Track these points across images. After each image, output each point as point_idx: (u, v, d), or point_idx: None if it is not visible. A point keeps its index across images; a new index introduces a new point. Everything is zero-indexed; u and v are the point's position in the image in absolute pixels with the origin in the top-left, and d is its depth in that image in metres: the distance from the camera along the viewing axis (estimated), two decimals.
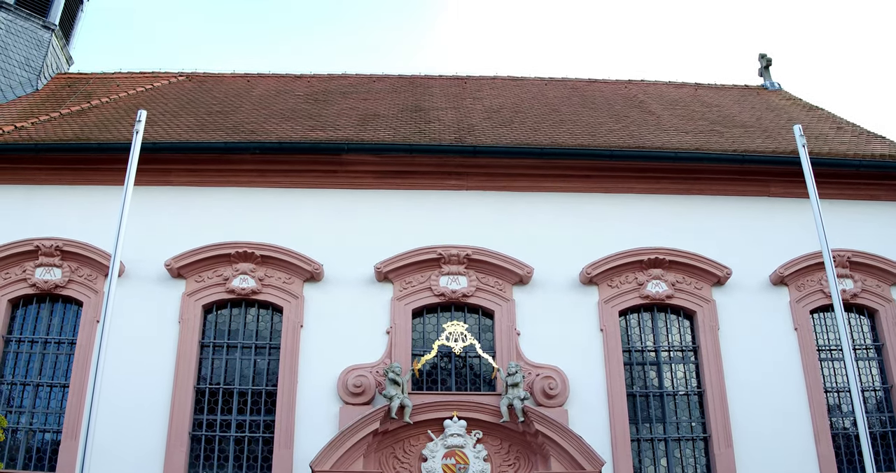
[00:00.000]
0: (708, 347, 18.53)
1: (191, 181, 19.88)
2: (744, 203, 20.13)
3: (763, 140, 21.63)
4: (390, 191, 19.88)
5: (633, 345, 18.84)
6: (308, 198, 19.74)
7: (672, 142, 21.05)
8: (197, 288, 18.73)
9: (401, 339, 18.29)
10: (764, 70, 29.35)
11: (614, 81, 28.75)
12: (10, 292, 18.78)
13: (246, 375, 18.33)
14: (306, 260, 18.75)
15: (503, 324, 18.53)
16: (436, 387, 18.23)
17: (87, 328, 18.33)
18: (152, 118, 21.14)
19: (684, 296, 19.03)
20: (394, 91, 26.44)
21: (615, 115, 24.06)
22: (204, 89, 26.56)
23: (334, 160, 19.84)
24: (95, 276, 18.80)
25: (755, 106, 26.10)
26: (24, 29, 26.00)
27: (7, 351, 18.52)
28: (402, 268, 18.85)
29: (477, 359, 18.31)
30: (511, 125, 22.47)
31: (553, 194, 19.96)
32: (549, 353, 18.22)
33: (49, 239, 18.92)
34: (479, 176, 19.98)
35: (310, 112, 23.53)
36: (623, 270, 19.11)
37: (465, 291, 18.75)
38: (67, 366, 18.28)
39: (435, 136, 20.86)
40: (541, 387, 17.65)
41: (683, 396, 18.47)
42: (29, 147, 19.79)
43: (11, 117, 22.57)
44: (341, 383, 17.71)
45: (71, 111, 22.91)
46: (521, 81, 28.51)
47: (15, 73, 25.29)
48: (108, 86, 26.47)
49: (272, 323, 18.83)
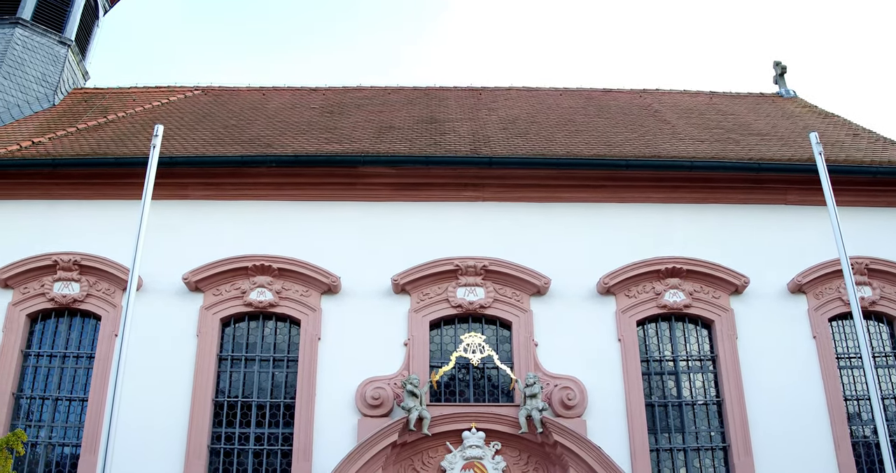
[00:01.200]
0: (726, 356, 18.45)
1: (208, 195, 19.92)
2: (761, 211, 20.06)
3: (779, 148, 21.57)
4: (407, 203, 19.89)
5: (651, 355, 18.78)
6: (325, 210, 19.76)
7: (688, 151, 21.01)
8: (214, 301, 18.75)
9: (418, 351, 18.28)
10: (779, 78, 29.34)
11: (629, 91, 28.75)
12: (28, 307, 18.85)
13: (264, 388, 18.33)
14: (323, 272, 18.76)
15: (521, 335, 18.50)
16: (454, 399, 18.20)
17: (106, 342, 18.37)
18: (168, 132, 21.21)
19: (702, 305, 18.97)
20: (409, 103, 26.48)
21: (630, 125, 24.04)
22: (219, 103, 26.63)
23: (350, 172, 19.87)
24: (113, 290, 18.86)
25: (771, 114, 26.04)
26: (40, 44, 26.14)
27: (26, 366, 18.58)
28: (419, 280, 18.84)
29: (495, 370, 18.28)
30: (526, 136, 22.47)
31: (569, 204, 19.94)
32: (567, 364, 18.18)
33: (67, 254, 18.99)
34: (495, 187, 19.98)
35: (325, 125, 23.57)
36: (640, 280, 19.06)
37: (482, 302, 18.73)
38: (86, 380, 18.34)
39: (451, 148, 20.88)
40: (559, 398, 17.61)
41: (702, 406, 18.40)
42: (46, 162, 19.86)
43: (29, 132, 22.68)
44: (359, 395, 17.71)
45: (88, 126, 23.00)
46: (536, 92, 28.54)
47: (32, 88, 25.42)
48: (125, 100, 26.59)
49: (290, 335, 18.85)
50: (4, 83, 24.74)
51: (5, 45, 25.40)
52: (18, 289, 18.95)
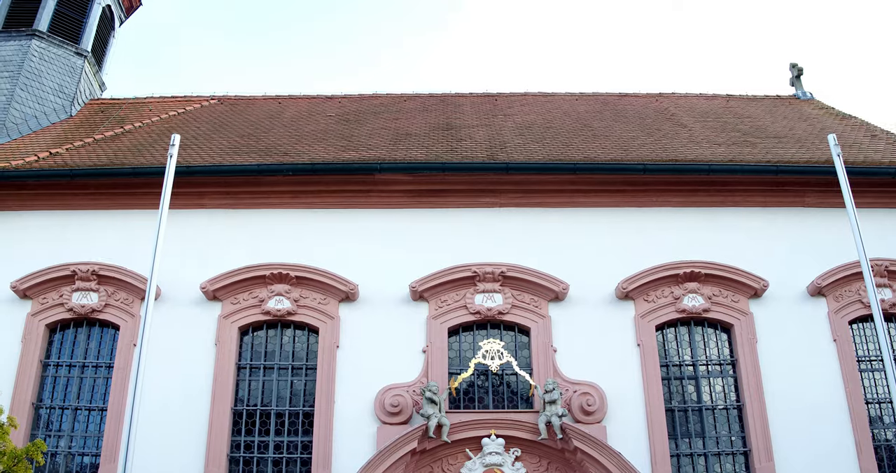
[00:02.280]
0: (746, 360, 18.36)
1: (225, 204, 19.96)
2: (779, 214, 19.97)
3: (797, 150, 21.49)
4: (424, 209, 19.90)
5: (671, 360, 18.70)
6: (342, 218, 19.77)
7: (705, 155, 20.95)
8: (233, 310, 18.77)
9: (437, 358, 18.25)
10: (795, 79, 29.23)
11: (645, 95, 28.67)
12: (47, 317, 18.92)
13: (283, 396, 18.35)
14: (341, 280, 18.76)
15: (539, 341, 18.45)
16: (473, 406, 18.16)
17: (125, 351, 18.42)
18: (185, 142, 21.29)
19: (721, 309, 18.88)
20: (425, 109, 26.49)
21: (647, 129, 23.99)
22: (236, 112, 26.70)
23: (367, 180, 19.87)
24: (132, 300, 18.91)
25: (788, 116, 25.95)
26: (57, 56, 26.24)
27: (45, 376, 18.65)
28: (437, 287, 18.83)
29: (514, 377, 18.24)
30: (543, 141, 22.44)
31: (587, 209, 19.91)
32: (586, 369, 18.12)
33: (85, 264, 19.06)
34: (512, 192, 19.95)
35: (341, 132, 23.59)
36: (659, 284, 18.99)
37: (500, 309, 18.69)
38: (105, 390, 18.40)
39: (467, 154, 20.86)
40: (578, 404, 17.55)
41: (722, 410, 18.31)
42: (64, 173, 19.96)
43: (46, 143, 22.78)
44: (378, 403, 17.69)
45: (105, 136, 23.10)
46: (552, 97, 28.49)
47: (49, 99, 25.51)
48: (141, 110, 26.69)
49: (308, 343, 18.85)
50: (22, 95, 24.84)
51: (22, 56, 25.51)
52: (37, 300, 19.02)
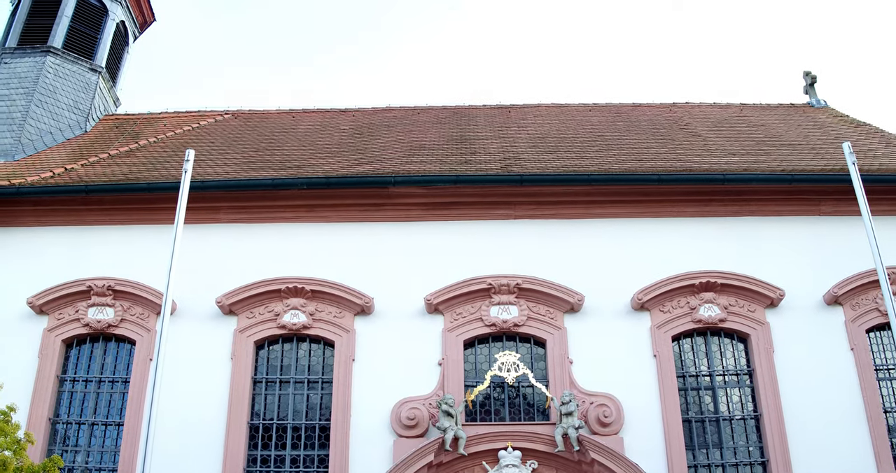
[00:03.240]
0: (763, 370, 18.28)
1: (239, 218, 20.01)
2: (794, 223, 19.91)
3: (811, 158, 21.43)
4: (438, 222, 19.89)
5: (687, 370, 18.64)
6: (356, 231, 19.79)
7: (719, 164, 20.91)
8: (248, 324, 18.79)
9: (453, 371, 18.22)
10: (809, 87, 29.13)
11: (658, 104, 28.62)
12: (64, 332, 18.97)
13: (299, 410, 18.33)
14: (356, 293, 18.77)
15: (555, 353, 18.42)
16: (489, 418, 18.12)
17: (141, 366, 18.45)
18: (199, 156, 21.32)
19: (737, 319, 18.81)
20: (438, 122, 26.50)
21: (661, 139, 23.96)
22: (250, 126, 26.75)
23: (381, 193, 19.89)
24: (147, 315, 18.95)
25: (802, 124, 25.88)
26: (71, 72, 26.34)
27: (62, 391, 18.68)
28: (452, 299, 18.81)
29: (530, 389, 18.20)
30: (557, 152, 22.43)
31: (601, 220, 19.88)
32: (603, 381, 18.07)
33: (101, 279, 19.11)
34: (526, 204, 19.95)
35: (355, 146, 23.63)
36: (674, 295, 18.93)
37: (516, 321, 18.66)
38: (121, 405, 18.42)
39: (481, 166, 20.86)
40: (595, 415, 17.50)
41: (740, 420, 18.23)
42: (79, 188, 20.04)
43: (61, 159, 22.88)
44: (394, 416, 17.67)
45: (119, 152, 23.17)
46: (565, 108, 28.47)
47: (64, 115, 25.60)
48: (156, 126, 26.77)
49: (324, 357, 18.85)
50: (37, 111, 24.93)
51: (37, 73, 25.61)
52: (53, 315, 19.07)
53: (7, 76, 25.60)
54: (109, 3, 28.05)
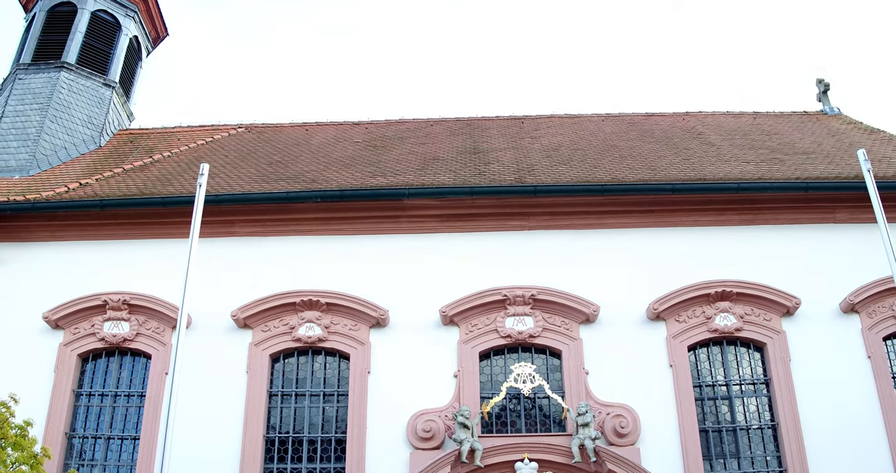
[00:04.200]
0: (780, 379, 18.20)
1: (254, 231, 20.04)
2: (810, 230, 19.85)
3: (826, 166, 21.38)
4: (453, 234, 19.89)
5: (704, 380, 18.57)
6: (371, 244, 19.80)
7: (734, 173, 20.88)
8: (263, 337, 18.80)
9: (469, 382, 18.19)
10: (822, 95, 29.06)
11: (671, 114, 28.58)
12: (79, 347, 19.00)
13: (315, 423, 18.33)
14: (371, 306, 18.77)
15: (571, 364, 18.37)
16: (506, 430, 18.08)
17: (156, 380, 18.47)
18: (214, 170, 21.34)
19: (753, 328, 18.74)
20: (451, 134, 26.51)
21: (674, 148, 23.93)
22: (263, 140, 26.80)
23: (396, 205, 19.91)
24: (163, 329, 18.97)
25: (815, 131, 25.82)
26: (85, 87, 26.46)
27: (78, 405, 18.72)
28: (467, 311, 18.79)
29: (546, 400, 18.15)
30: (570, 163, 22.41)
31: (616, 230, 19.86)
32: (619, 391, 18.02)
33: (116, 294, 19.15)
34: (540, 215, 19.93)
35: (369, 158, 23.65)
36: (690, 304, 18.88)
37: (531, 332, 18.62)
38: (137, 419, 18.43)
39: (495, 178, 20.87)
40: (612, 426, 17.45)
41: (757, 430, 18.15)
42: (94, 203, 20.10)
43: (76, 174, 22.95)
44: (410, 428, 17.64)
45: (134, 166, 23.25)
46: (578, 118, 28.44)
47: (78, 130, 25.70)
48: (169, 140, 26.84)
49: (339, 370, 18.84)
50: (51, 126, 25.03)
51: (51, 88, 25.74)
52: (69, 330, 19.11)
53: (22, 92, 25.73)
54: (123, 18, 28.19)
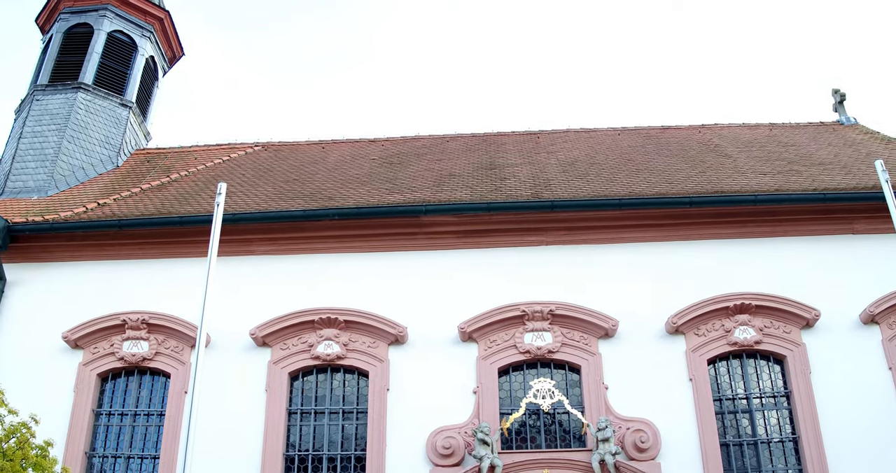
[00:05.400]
0: (801, 392, 18.10)
1: (272, 250, 20.08)
2: (828, 242, 19.76)
3: (843, 176, 21.30)
4: (470, 250, 19.89)
5: (724, 394, 18.48)
6: (388, 261, 19.81)
7: (751, 185, 20.82)
8: (282, 355, 18.80)
9: (488, 399, 18.15)
10: (838, 105, 28.98)
11: (687, 127, 28.52)
12: (99, 366, 19.04)
13: (334, 441, 18.29)
14: (390, 323, 18.76)
15: (590, 379, 18.31)
16: (525, 446, 18.01)
17: (176, 399, 18.49)
18: (231, 189, 21.37)
19: (773, 341, 18.65)
20: (467, 149, 26.52)
21: (691, 161, 23.89)
22: (280, 158, 26.87)
23: (413, 222, 19.93)
24: (182, 348, 19.00)
25: (832, 142, 25.74)
26: (102, 108, 26.60)
27: (98, 425, 18.75)
28: (485, 327, 18.75)
29: (566, 415, 18.09)
30: (587, 177, 22.39)
31: (633, 245, 19.81)
32: (639, 406, 17.95)
33: (135, 313, 19.19)
34: (558, 230, 19.91)
35: (385, 175, 23.68)
36: (709, 318, 18.80)
37: (550, 347, 18.57)
38: (157, 438, 18.44)
39: (512, 193, 20.86)
40: (632, 441, 17.38)
41: (778, 443, 18.04)
42: (112, 223, 20.18)
43: (94, 194, 23.06)
44: (430, 445, 17.60)
45: (151, 186, 23.34)
46: (594, 132, 28.41)
47: (95, 151, 25.83)
48: (186, 159, 26.93)
49: (358, 387, 18.82)
50: (69, 147, 25.18)
51: (69, 109, 25.90)
52: (88, 350, 19.16)
53: (39, 113, 25.90)
54: (139, 39, 28.34)
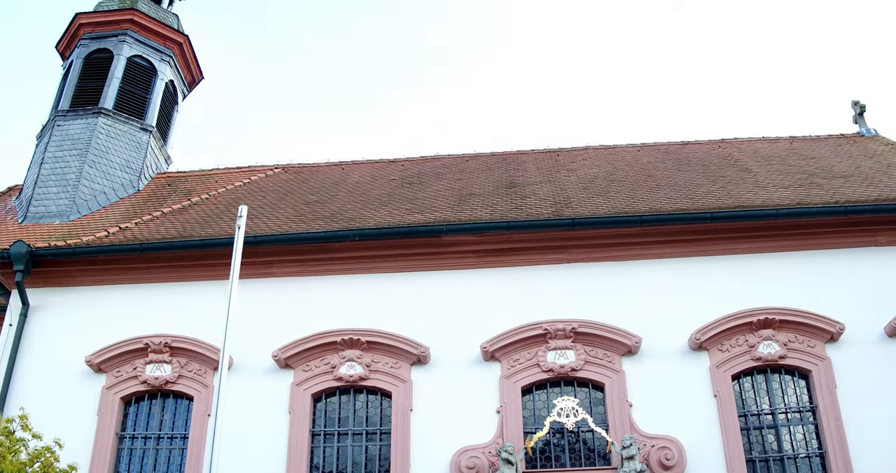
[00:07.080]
0: (826, 406, 17.97)
1: (293, 272, 20.11)
2: (851, 255, 19.63)
3: (865, 188, 21.19)
4: (491, 269, 19.85)
5: (749, 409, 18.37)
6: (410, 281, 19.82)
7: (772, 199, 20.73)
8: (305, 377, 18.81)
9: (511, 418, 18.09)
10: (858, 117, 28.85)
11: (707, 141, 28.44)
12: (122, 390, 19.11)
13: (358, 462, 18.26)
14: (412, 343, 18.74)
15: (614, 396, 18.24)
16: (550, 464, 17.93)
17: (199, 422, 18.53)
18: (252, 211, 21.43)
19: (798, 356, 18.53)
20: (487, 169, 26.53)
21: (711, 176, 23.82)
22: (300, 180, 26.94)
23: (434, 242, 19.92)
24: (205, 371, 19.04)
25: (853, 154, 25.62)
26: (123, 132, 26.76)
27: (121, 448, 18.80)
28: (508, 346, 18.70)
29: (590, 434, 18.02)
30: (607, 194, 22.35)
31: (655, 261, 19.75)
32: (663, 423, 17.85)
33: (158, 337, 19.25)
34: (579, 248, 19.87)
35: (406, 195, 23.71)
36: (733, 333, 18.69)
37: (573, 365, 18.51)
38: (181, 461, 18.48)
39: (532, 211, 20.83)
40: (657, 458, 17.29)
41: (804, 459, 17.90)
42: (134, 247, 20.25)
43: (115, 218, 23.17)
44: (454, 465, 17.56)
45: (172, 209, 23.43)
46: (613, 149, 28.38)
47: (117, 175, 25.97)
48: (207, 182, 27.04)
49: (381, 408, 18.80)
50: (90, 171, 25.33)
51: (90, 134, 26.07)
52: (112, 373, 19.23)
53: (61, 138, 26.09)
54: (158, 63, 28.51)
